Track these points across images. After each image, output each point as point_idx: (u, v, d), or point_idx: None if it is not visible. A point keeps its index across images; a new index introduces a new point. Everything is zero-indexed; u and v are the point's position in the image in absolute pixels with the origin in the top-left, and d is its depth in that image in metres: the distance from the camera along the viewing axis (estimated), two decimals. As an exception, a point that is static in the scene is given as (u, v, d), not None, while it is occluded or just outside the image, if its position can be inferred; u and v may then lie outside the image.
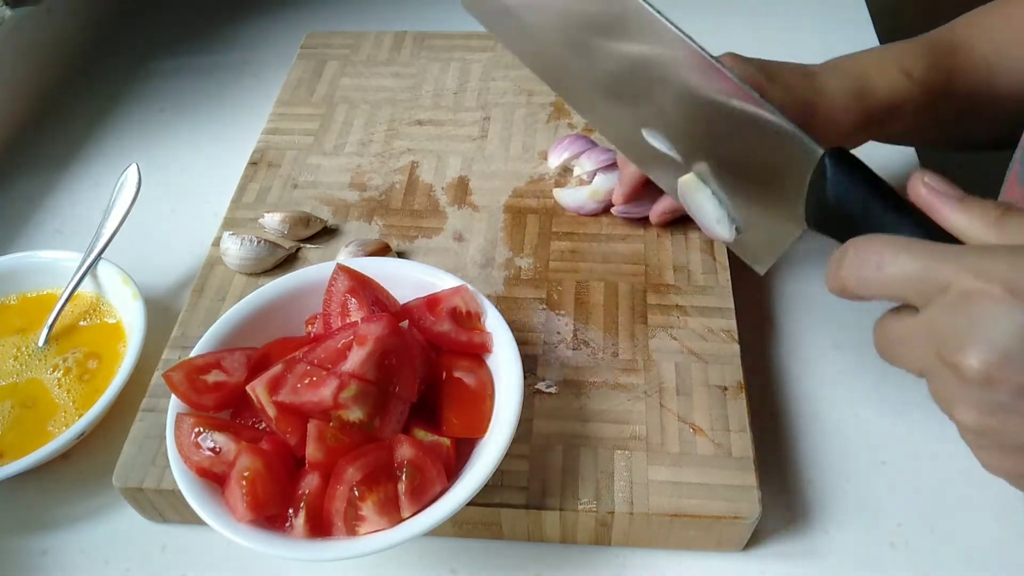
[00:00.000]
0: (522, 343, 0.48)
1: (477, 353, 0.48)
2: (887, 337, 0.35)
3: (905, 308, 0.34)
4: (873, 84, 0.53)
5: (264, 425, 0.45)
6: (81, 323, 0.57)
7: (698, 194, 0.49)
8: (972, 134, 0.61)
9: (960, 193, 0.35)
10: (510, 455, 0.43)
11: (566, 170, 0.64)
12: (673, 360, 0.52)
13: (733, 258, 0.56)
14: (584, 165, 0.62)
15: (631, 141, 0.51)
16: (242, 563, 0.49)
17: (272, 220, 0.60)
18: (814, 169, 0.41)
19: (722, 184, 0.48)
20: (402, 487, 0.42)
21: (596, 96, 0.51)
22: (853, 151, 0.41)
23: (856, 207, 0.38)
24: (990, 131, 0.61)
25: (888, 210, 0.38)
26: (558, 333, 0.54)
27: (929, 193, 0.35)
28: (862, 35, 0.83)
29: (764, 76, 0.50)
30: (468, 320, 0.49)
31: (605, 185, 0.60)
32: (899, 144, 0.64)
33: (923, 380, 0.34)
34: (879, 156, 0.53)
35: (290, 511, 0.42)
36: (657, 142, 0.50)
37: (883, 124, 0.55)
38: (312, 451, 0.42)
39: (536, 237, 0.60)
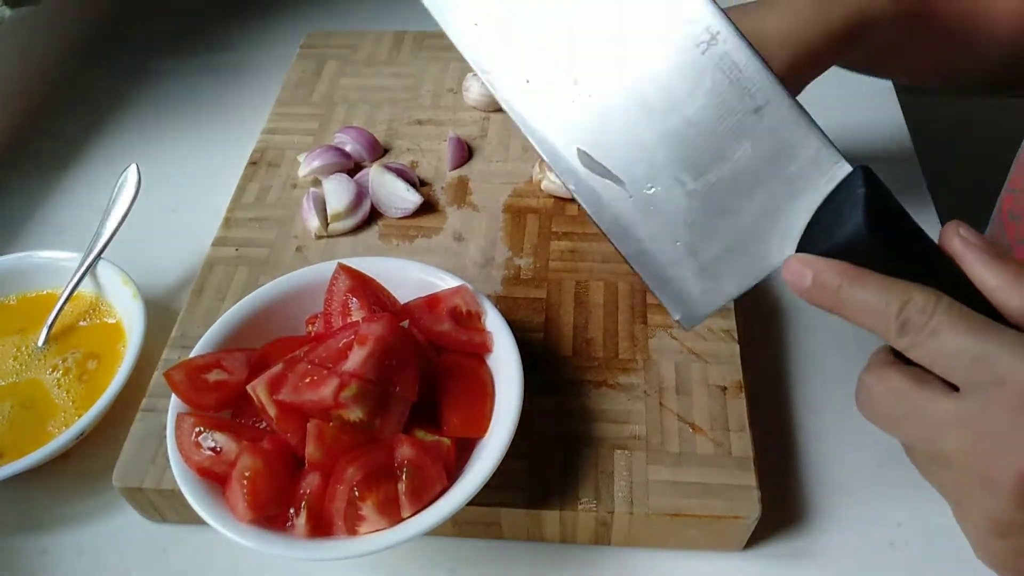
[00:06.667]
0: (522, 343, 0.48)
1: (477, 353, 0.48)
2: (894, 403, 0.31)
3: (926, 376, 0.30)
4: None
5: (265, 425, 0.45)
6: (81, 323, 0.57)
7: None
8: (955, 67, 0.56)
9: (995, 250, 0.31)
10: (510, 455, 0.43)
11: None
12: (673, 360, 0.52)
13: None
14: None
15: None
16: (242, 563, 0.49)
17: None
18: (836, 187, 0.35)
19: (703, 210, 0.39)
20: (402, 487, 0.42)
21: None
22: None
23: (888, 237, 0.32)
24: (977, 65, 0.55)
25: (921, 250, 0.33)
26: (558, 333, 0.54)
27: (964, 246, 0.32)
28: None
29: None
30: (468, 320, 0.49)
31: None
32: (871, 74, 0.58)
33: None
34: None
35: (291, 511, 0.42)
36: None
37: (851, 43, 0.48)
38: (312, 451, 0.42)
39: (536, 237, 0.60)
